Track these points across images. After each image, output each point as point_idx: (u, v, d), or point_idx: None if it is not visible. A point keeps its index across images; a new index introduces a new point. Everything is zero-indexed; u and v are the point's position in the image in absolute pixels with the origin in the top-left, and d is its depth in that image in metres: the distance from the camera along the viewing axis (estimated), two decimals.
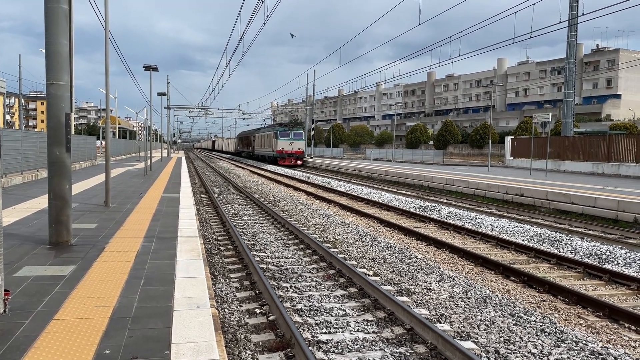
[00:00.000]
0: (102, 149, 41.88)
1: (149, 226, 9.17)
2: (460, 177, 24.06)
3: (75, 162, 25.07)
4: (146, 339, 4.03)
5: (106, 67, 12.14)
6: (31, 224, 9.11)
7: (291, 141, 46.50)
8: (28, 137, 18.70)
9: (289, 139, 46.46)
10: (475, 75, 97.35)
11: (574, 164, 33.08)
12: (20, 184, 16.61)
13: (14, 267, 6.07)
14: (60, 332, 4.09)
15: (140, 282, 5.57)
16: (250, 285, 7.35)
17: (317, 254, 9.39)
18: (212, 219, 13.76)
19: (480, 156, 64.46)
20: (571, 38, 38.39)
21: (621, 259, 9.44)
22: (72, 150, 9.00)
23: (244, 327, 5.70)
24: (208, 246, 10.04)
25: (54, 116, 7.34)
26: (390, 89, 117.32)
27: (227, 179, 28.24)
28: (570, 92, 39.73)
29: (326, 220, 13.86)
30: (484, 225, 13.31)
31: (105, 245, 7.42)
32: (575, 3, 35.44)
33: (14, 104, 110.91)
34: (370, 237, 11.29)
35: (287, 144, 46.45)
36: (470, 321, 6.09)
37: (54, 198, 7.37)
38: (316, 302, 6.66)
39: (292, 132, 46.91)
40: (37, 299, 4.90)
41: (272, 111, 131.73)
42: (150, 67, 28.23)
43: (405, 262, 9.05)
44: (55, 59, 7.27)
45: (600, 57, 76.34)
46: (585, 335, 5.75)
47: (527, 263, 9.48)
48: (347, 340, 5.36)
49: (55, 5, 7.23)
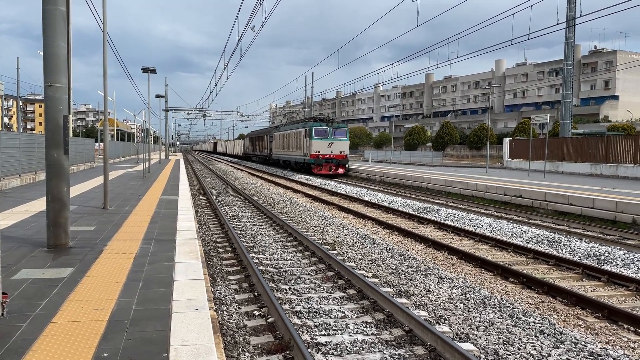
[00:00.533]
0: (100, 151, 41.83)
1: (147, 228, 9.15)
2: (458, 178, 24.07)
3: (73, 165, 25.03)
4: (144, 341, 4.01)
5: (104, 69, 12.13)
6: (29, 226, 9.09)
7: (330, 141, 34.16)
8: (26, 139, 18.66)
9: (327, 139, 34.18)
10: (473, 77, 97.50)
11: (572, 165, 33.12)
12: (18, 186, 16.58)
13: (12, 269, 6.05)
14: (58, 335, 4.08)
15: (139, 285, 5.56)
16: (249, 288, 7.33)
17: (316, 255, 9.38)
18: (210, 221, 13.74)
19: (479, 157, 64.51)
20: (569, 39, 38.48)
21: (620, 260, 9.44)
22: (70, 153, 8.98)
23: (242, 329, 5.69)
24: (207, 248, 10.02)
25: (52, 119, 7.33)
26: (388, 90, 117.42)
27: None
28: (568, 93, 39.81)
29: (325, 221, 13.85)
30: (482, 226, 13.31)
31: (104, 248, 7.40)
32: (573, 5, 35.55)
33: (12, 106, 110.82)
34: (369, 239, 11.28)
35: (325, 146, 34.05)
36: (469, 323, 6.08)
37: (52, 200, 7.35)
38: (315, 304, 6.65)
39: (332, 129, 34.67)
40: (35, 302, 4.89)
41: (270, 113, 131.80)
42: (149, 70, 28.20)
43: (404, 264, 9.04)
44: (53, 61, 7.26)
45: (598, 59, 76.53)
46: (584, 337, 5.75)
47: (526, 264, 9.48)
48: (346, 342, 5.35)
49: (53, 7, 7.22)
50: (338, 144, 34.63)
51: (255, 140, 58.98)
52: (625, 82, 73.71)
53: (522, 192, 18.32)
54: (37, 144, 19.10)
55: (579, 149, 33.05)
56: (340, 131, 35.17)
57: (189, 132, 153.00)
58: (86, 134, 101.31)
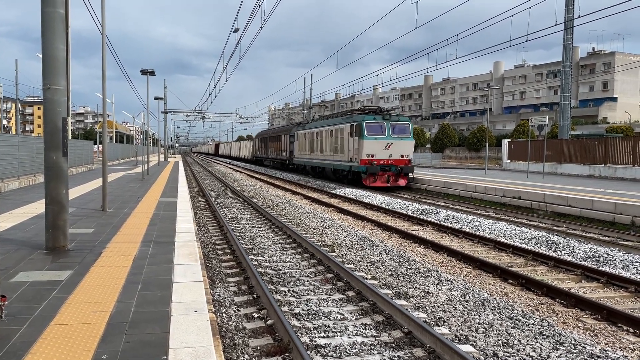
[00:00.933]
0: (99, 153, 41.80)
1: (146, 231, 9.14)
2: (457, 180, 24.08)
3: (72, 167, 25.01)
4: (143, 344, 4.01)
5: (103, 71, 12.13)
6: (28, 229, 9.08)
7: (389, 141, 25.15)
8: (25, 142, 18.65)
9: (383, 138, 25.14)
10: (472, 79, 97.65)
11: (571, 167, 33.16)
12: (17, 188, 16.56)
13: (11, 272, 6.04)
14: (57, 337, 4.07)
15: (138, 287, 5.55)
16: (248, 290, 7.33)
17: (315, 257, 9.38)
18: (209, 223, 13.73)
19: (478, 159, 64.58)
20: (567, 41, 38.54)
21: (619, 262, 9.44)
22: (69, 155, 8.98)
23: (241, 331, 5.68)
24: (206, 250, 10.01)
25: (51, 121, 7.32)
26: (387, 92, 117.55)
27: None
28: (567, 95, 39.87)
29: (324, 223, 13.85)
30: (481, 228, 13.32)
31: (103, 250, 7.39)
32: (571, 6, 35.61)
33: (10, 108, 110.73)
34: (368, 241, 11.28)
35: (381, 147, 25.01)
36: (468, 324, 6.08)
37: (50, 203, 7.34)
38: (314, 306, 6.64)
39: (390, 123, 25.44)
40: (34, 305, 4.88)
41: (269, 115, 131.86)
42: (148, 72, 28.21)
43: (403, 266, 9.04)
44: (52, 63, 7.26)
45: (596, 60, 76.69)
46: (583, 338, 5.75)
47: (525, 266, 9.49)
48: (345, 344, 5.35)
49: (51, 9, 7.22)
50: (399, 144, 25.23)
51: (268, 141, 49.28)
52: (624, 84, 73.88)
53: (521, 194, 18.33)
54: (35, 146, 19.10)
55: (578, 150, 33.10)
56: (401, 127, 25.63)
57: (188, 134, 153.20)
58: (85, 136, 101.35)
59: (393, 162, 25.10)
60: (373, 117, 25.38)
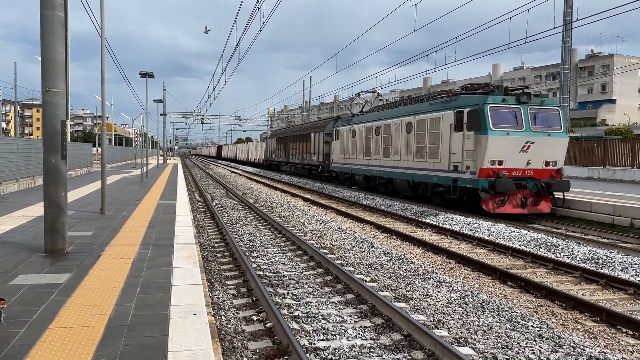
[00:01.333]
0: (97, 156, 41.80)
1: (145, 233, 9.13)
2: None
3: (71, 170, 25.00)
4: (142, 347, 4.00)
5: (102, 74, 12.14)
6: (27, 231, 9.07)
7: (529, 138, 15.28)
8: (24, 144, 18.64)
9: (520, 132, 15.29)
10: (470, 81, 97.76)
11: (570, 169, 33.15)
12: (15, 191, 16.55)
13: (9, 275, 6.04)
14: (55, 340, 4.06)
15: (137, 290, 5.54)
16: (247, 292, 7.32)
17: (314, 260, 9.37)
18: (208, 226, 13.72)
19: None
20: (566, 44, 38.58)
21: (618, 264, 9.44)
22: (68, 158, 8.98)
23: (241, 334, 5.68)
24: (204, 253, 10.00)
25: (50, 123, 7.32)
26: (386, 94, 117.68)
27: None
28: (566, 97, 39.88)
29: (323, 226, 13.84)
30: (480, 230, 13.32)
31: (101, 253, 7.38)
32: (570, 9, 35.70)
33: (9, 111, 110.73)
34: (368, 243, 11.28)
35: (515, 149, 15.25)
36: (467, 327, 6.08)
37: (49, 206, 7.34)
38: (313, 308, 6.63)
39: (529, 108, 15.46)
40: (33, 308, 4.87)
41: (268, 117, 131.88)
42: (147, 74, 28.26)
43: (402, 268, 9.03)
44: (51, 66, 7.26)
45: (594, 63, 76.83)
46: (582, 340, 5.75)
47: (524, 268, 9.49)
48: (344, 347, 5.34)
49: (50, 12, 7.23)
50: (544, 144, 15.59)
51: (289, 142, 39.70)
52: (622, 86, 74.01)
53: None
54: (34, 149, 19.08)
55: (577, 152, 33.13)
56: (547, 115, 15.82)
57: (187, 136, 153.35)
58: (84, 139, 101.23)
59: (532, 173, 15.53)
60: (502, 99, 15.44)
